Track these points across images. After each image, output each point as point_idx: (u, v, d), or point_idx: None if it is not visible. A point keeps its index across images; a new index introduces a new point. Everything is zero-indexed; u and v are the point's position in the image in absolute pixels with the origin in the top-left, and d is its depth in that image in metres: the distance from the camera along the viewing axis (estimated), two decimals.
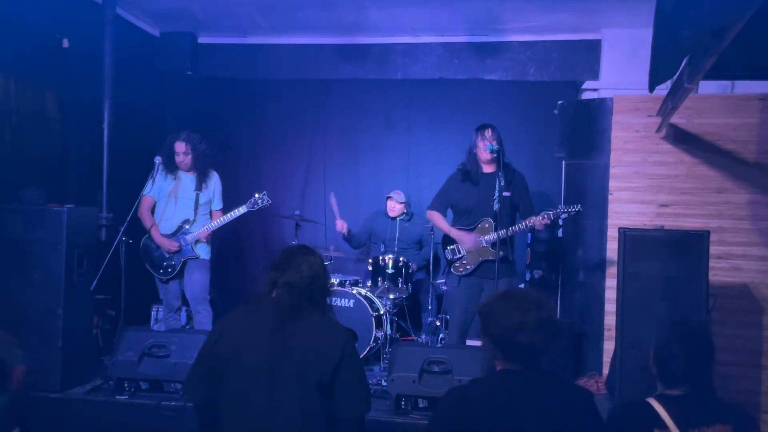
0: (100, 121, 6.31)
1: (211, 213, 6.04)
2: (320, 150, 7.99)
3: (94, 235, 5.59)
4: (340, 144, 7.96)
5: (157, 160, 5.71)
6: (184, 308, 6.10)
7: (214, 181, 6.05)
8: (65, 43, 6.29)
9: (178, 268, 5.85)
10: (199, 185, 5.91)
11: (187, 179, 5.94)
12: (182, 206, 5.89)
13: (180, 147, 5.85)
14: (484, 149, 5.33)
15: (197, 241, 5.86)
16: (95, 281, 5.26)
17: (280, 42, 8.04)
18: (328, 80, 7.97)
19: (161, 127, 7.81)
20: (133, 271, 5.70)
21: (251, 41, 8.11)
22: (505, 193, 5.20)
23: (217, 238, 5.97)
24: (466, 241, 5.41)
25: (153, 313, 7.00)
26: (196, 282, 5.90)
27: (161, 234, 5.83)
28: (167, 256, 5.83)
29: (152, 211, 5.93)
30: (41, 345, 4.92)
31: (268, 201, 5.85)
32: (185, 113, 7.93)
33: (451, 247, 5.51)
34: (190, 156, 5.88)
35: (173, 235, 5.84)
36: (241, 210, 5.84)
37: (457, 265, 5.47)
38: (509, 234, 5.21)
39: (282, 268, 2.90)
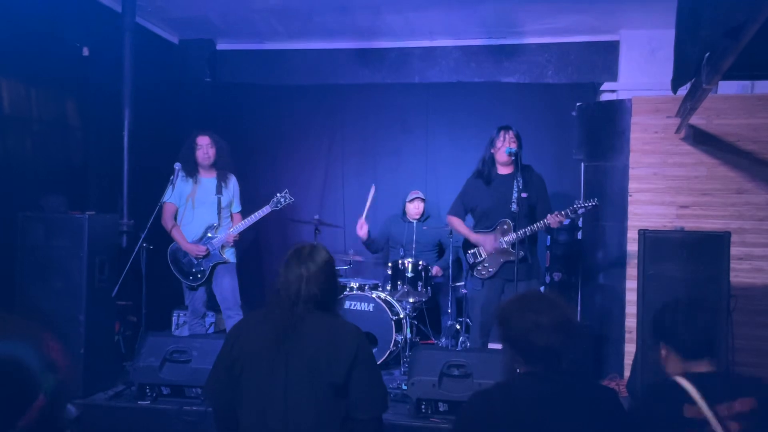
0: (120, 129, 6.35)
1: (231, 216, 6.03)
2: (338, 155, 8.02)
3: (115, 241, 5.64)
4: (357, 148, 7.98)
5: (177, 166, 5.70)
6: (210, 314, 6.10)
7: (233, 183, 6.03)
8: (85, 52, 6.37)
9: (207, 274, 5.82)
10: (220, 188, 5.87)
11: (208, 183, 5.89)
12: (203, 211, 5.85)
13: (203, 140, 5.82)
14: (503, 150, 5.35)
15: (223, 246, 5.84)
16: (116, 287, 5.30)
17: (297, 47, 8.10)
18: (346, 85, 8.01)
19: (181, 134, 7.83)
20: (154, 277, 5.73)
21: (269, 47, 8.17)
22: (523, 195, 5.20)
23: (237, 243, 5.96)
24: (485, 243, 5.43)
25: (174, 318, 7.04)
26: (228, 287, 5.87)
27: (187, 241, 5.81)
28: (196, 262, 5.81)
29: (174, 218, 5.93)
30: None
31: (290, 199, 5.80)
32: (204, 119, 7.95)
33: (472, 251, 5.52)
34: (213, 149, 5.84)
35: (199, 241, 5.81)
36: (265, 210, 5.78)
37: (479, 268, 5.48)
38: (527, 234, 5.23)
39: (293, 268, 2.90)
